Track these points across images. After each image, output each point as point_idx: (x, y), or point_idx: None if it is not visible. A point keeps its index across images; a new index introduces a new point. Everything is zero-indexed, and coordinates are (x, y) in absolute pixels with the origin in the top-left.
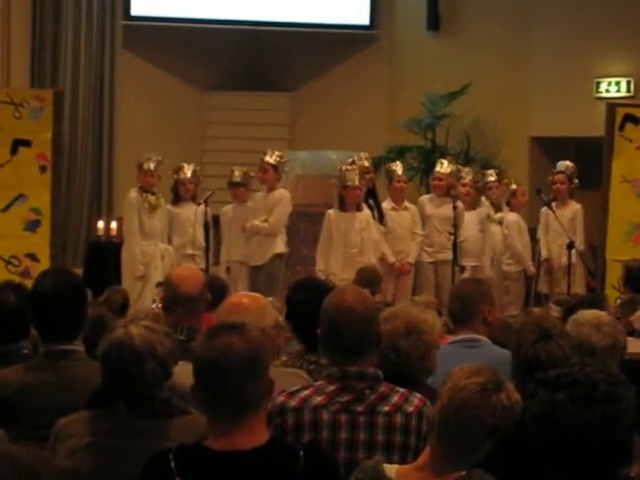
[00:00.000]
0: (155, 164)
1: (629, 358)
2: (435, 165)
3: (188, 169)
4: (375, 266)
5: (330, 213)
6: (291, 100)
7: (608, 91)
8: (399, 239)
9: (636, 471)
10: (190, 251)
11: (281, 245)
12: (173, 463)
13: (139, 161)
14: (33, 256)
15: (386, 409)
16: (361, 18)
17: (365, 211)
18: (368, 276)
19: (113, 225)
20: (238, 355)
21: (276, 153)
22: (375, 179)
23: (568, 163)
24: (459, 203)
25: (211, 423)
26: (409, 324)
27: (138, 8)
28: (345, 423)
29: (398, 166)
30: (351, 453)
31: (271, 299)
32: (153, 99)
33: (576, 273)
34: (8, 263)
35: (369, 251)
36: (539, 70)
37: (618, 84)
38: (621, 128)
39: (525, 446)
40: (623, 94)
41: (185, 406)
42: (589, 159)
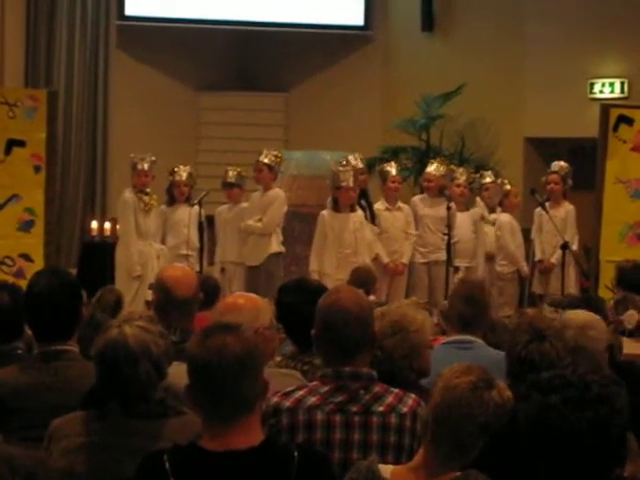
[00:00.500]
0: (149, 164)
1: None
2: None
3: (184, 171)
4: (369, 266)
5: (324, 214)
6: (285, 100)
7: (602, 92)
8: (392, 239)
9: (630, 470)
10: (184, 252)
11: (276, 245)
12: (168, 464)
13: (133, 161)
14: (27, 256)
15: (380, 409)
16: (355, 19)
17: (359, 212)
18: (362, 276)
19: (107, 225)
20: (232, 355)
21: (272, 153)
22: (368, 180)
23: (562, 163)
24: (452, 204)
25: (205, 423)
26: (395, 323)
27: (132, 8)
28: (339, 423)
29: (392, 166)
30: (345, 453)
31: (267, 300)
32: (147, 99)
33: (570, 274)
34: (2, 263)
35: (363, 252)
36: (533, 71)
37: (612, 85)
38: (615, 129)
39: (518, 446)
40: (617, 95)
41: (179, 406)
42: (583, 160)
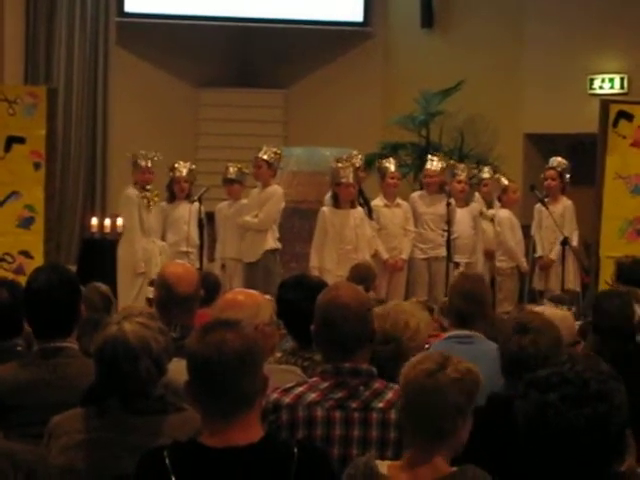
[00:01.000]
0: (152, 161)
1: None
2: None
3: (184, 167)
4: (369, 263)
5: (324, 210)
6: (285, 97)
7: (602, 88)
8: (392, 236)
9: (627, 465)
10: (184, 248)
11: (272, 241)
12: (168, 460)
13: (134, 158)
14: (27, 253)
15: (380, 405)
16: (355, 15)
17: (359, 208)
18: (362, 273)
19: (107, 222)
20: (232, 351)
21: (271, 149)
22: (365, 178)
23: (560, 159)
24: (452, 200)
25: (205, 420)
26: (387, 332)
27: (132, 5)
28: (339, 419)
29: (391, 163)
30: (345, 449)
31: (269, 296)
32: (147, 96)
33: (569, 269)
34: (2, 260)
35: (364, 248)
36: (533, 67)
37: (611, 81)
38: (615, 125)
39: (517, 443)
40: (616, 91)
41: (179, 403)
42: (583, 156)
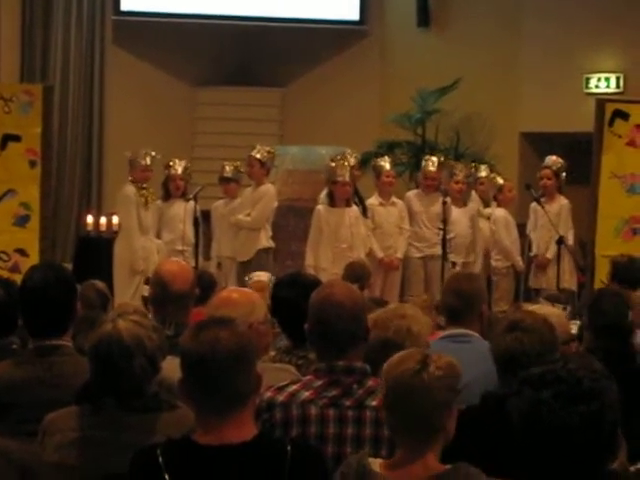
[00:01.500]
0: (151, 159)
1: None
2: (422, 162)
3: (179, 165)
4: (364, 261)
5: (320, 208)
6: (281, 96)
7: (597, 87)
8: (387, 234)
9: (619, 463)
10: (180, 247)
11: (264, 240)
12: (161, 458)
13: (133, 156)
14: (22, 251)
15: (374, 403)
16: (351, 14)
17: (354, 207)
18: (357, 271)
19: (102, 220)
20: (225, 349)
21: (264, 148)
22: (359, 176)
23: (555, 158)
24: (447, 198)
25: (199, 417)
26: (388, 340)
27: (128, 3)
28: (333, 418)
29: (386, 161)
30: (339, 447)
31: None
32: (143, 94)
33: (565, 268)
34: None
35: (359, 246)
36: (529, 66)
37: (607, 80)
38: (610, 124)
39: (511, 441)
40: (612, 90)
41: (173, 401)
42: (579, 155)
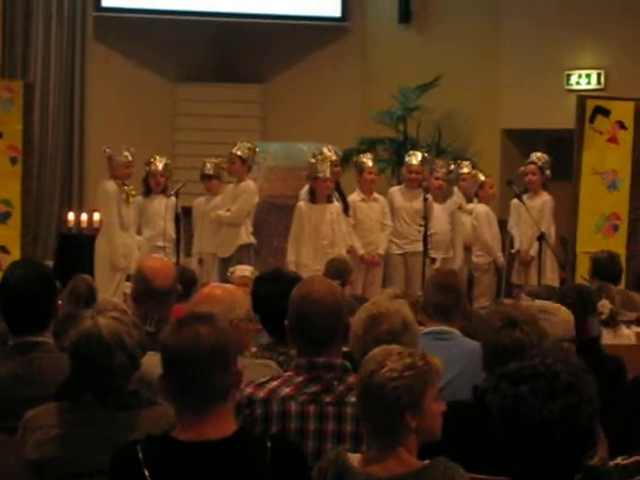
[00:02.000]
0: (132, 155)
1: None
2: (405, 157)
3: (160, 162)
4: (345, 258)
5: (301, 205)
6: (263, 92)
7: (578, 83)
8: (368, 231)
9: (599, 458)
10: (161, 243)
11: (245, 236)
12: (141, 454)
13: (111, 153)
14: (3, 248)
15: (354, 400)
16: (332, 10)
17: (335, 203)
18: (338, 268)
19: (84, 217)
20: (206, 345)
21: (244, 145)
22: (341, 172)
23: (540, 154)
24: (429, 195)
25: (179, 414)
26: (380, 337)
27: None
28: (313, 414)
29: (368, 158)
30: (320, 444)
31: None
32: (124, 91)
33: (547, 264)
34: None
35: (340, 243)
36: (510, 62)
37: (588, 76)
38: (591, 120)
39: (490, 436)
40: (594, 86)
41: (153, 397)
42: (560, 151)
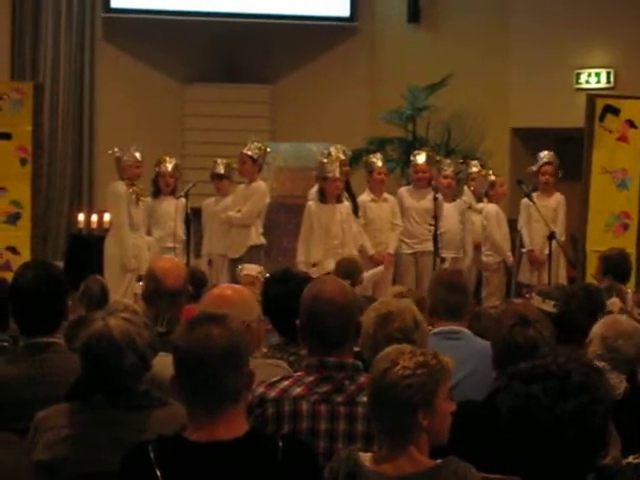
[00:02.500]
0: (140, 155)
1: None
2: (411, 157)
3: (169, 162)
4: (355, 257)
5: (310, 205)
6: (272, 92)
7: (588, 82)
8: (378, 231)
9: (612, 457)
10: (170, 244)
11: (255, 236)
12: (152, 455)
13: (120, 153)
14: (14, 249)
15: (365, 399)
16: (341, 10)
17: (345, 203)
18: (348, 267)
19: (94, 218)
20: (218, 346)
21: (255, 145)
22: (350, 172)
23: (552, 153)
24: (439, 195)
25: (190, 414)
26: (391, 335)
27: (118, 0)
28: (325, 413)
29: (378, 158)
30: (331, 443)
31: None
32: (133, 91)
33: (558, 263)
34: None
35: (350, 242)
36: (519, 61)
37: (598, 75)
38: (601, 119)
39: (501, 436)
40: (603, 85)
41: (165, 398)
42: (569, 150)
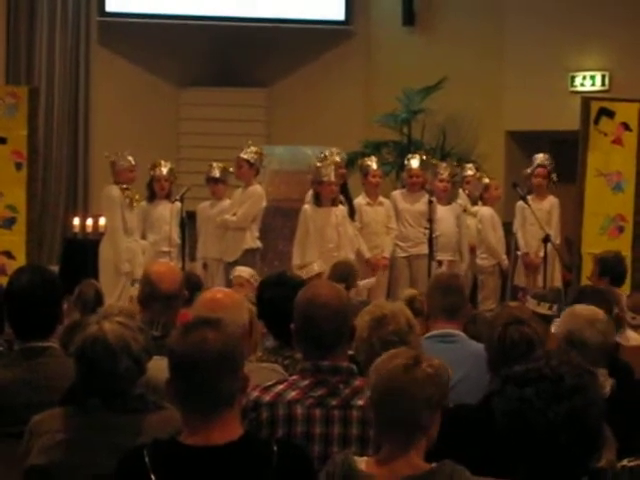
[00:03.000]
0: (134, 159)
1: None
2: (405, 161)
3: (164, 166)
4: (351, 261)
5: (306, 208)
6: (267, 96)
7: (583, 85)
8: (374, 234)
9: (606, 461)
10: (165, 248)
11: (250, 240)
12: (147, 459)
13: (114, 158)
14: (9, 253)
15: (360, 403)
16: (336, 13)
17: (341, 206)
18: (343, 271)
19: (89, 222)
20: (213, 350)
21: (252, 149)
22: (347, 175)
23: (546, 156)
24: (433, 197)
25: (185, 418)
26: (386, 339)
27: (113, 4)
28: (319, 417)
29: (373, 161)
30: (326, 447)
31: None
32: (128, 95)
33: (553, 266)
34: None
35: (346, 246)
36: (514, 64)
37: (593, 78)
38: (596, 122)
39: (495, 439)
40: (598, 88)
41: (160, 402)
42: (564, 153)
